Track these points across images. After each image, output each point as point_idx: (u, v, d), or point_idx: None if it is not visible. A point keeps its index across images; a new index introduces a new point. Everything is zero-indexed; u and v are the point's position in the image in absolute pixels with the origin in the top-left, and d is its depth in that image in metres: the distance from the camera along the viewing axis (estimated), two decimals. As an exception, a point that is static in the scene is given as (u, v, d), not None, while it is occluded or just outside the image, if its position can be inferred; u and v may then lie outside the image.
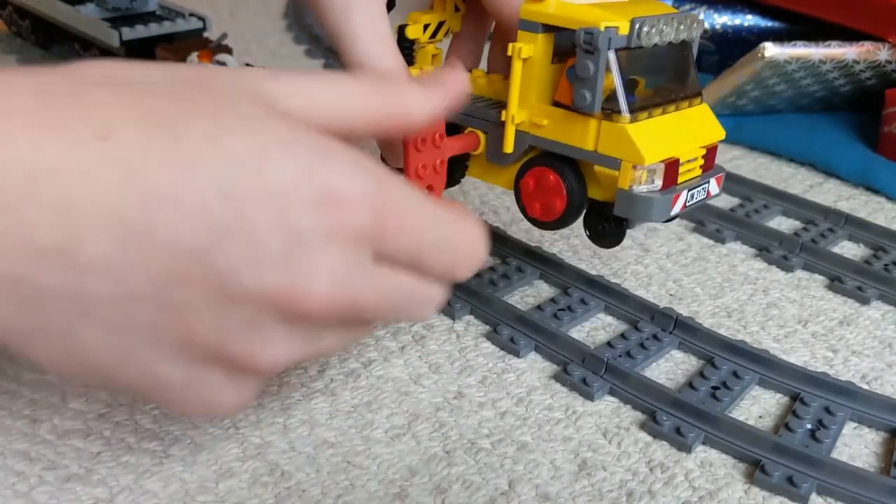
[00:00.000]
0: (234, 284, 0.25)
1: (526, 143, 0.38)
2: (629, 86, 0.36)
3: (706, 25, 0.78)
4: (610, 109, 0.35)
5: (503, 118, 0.38)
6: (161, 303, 0.24)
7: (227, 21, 0.96)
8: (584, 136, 0.36)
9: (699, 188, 0.37)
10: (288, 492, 0.32)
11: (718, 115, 0.70)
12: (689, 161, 0.37)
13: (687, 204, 0.37)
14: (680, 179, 0.37)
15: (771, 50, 0.62)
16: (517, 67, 0.36)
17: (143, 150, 0.23)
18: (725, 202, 0.58)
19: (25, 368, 0.38)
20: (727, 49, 0.78)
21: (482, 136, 0.40)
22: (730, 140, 0.70)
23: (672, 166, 0.36)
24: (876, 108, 0.65)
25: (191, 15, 0.73)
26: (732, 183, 0.60)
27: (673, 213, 0.36)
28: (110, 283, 0.24)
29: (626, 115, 0.35)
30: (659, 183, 0.36)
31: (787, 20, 0.77)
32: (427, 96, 0.32)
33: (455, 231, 0.30)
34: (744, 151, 0.68)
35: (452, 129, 0.40)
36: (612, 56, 0.34)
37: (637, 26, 0.34)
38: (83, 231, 0.23)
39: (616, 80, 0.34)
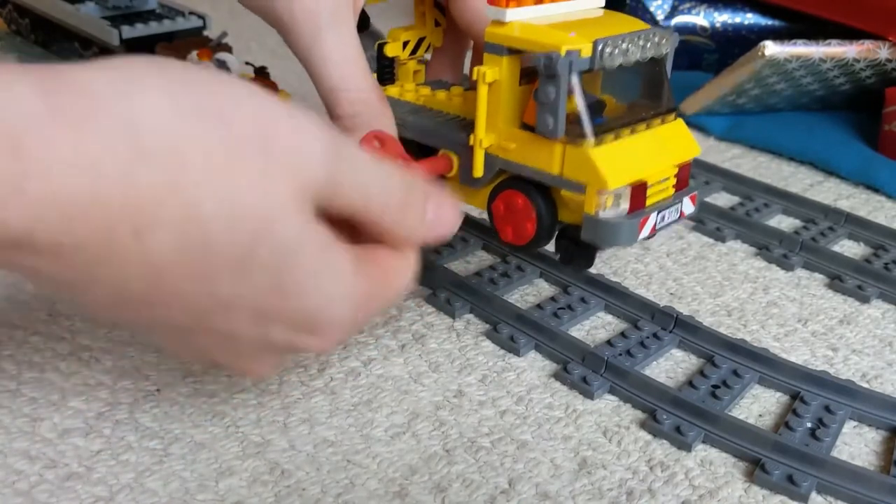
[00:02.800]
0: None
1: (495, 166, 0.37)
2: (596, 106, 0.35)
3: (706, 23, 0.78)
4: (574, 133, 0.34)
5: (472, 142, 0.37)
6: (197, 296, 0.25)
7: (227, 19, 0.96)
8: (550, 160, 0.35)
9: (671, 209, 0.36)
10: (288, 490, 0.32)
11: (718, 114, 0.71)
12: (659, 182, 0.36)
13: (657, 226, 0.36)
14: (650, 201, 0.36)
15: (771, 48, 0.62)
16: (483, 91, 0.36)
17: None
18: (725, 201, 0.58)
19: (25, 367, 0.38)
20: (727, 47, 0.78)
21: (455, 159, 0.39)
22: (730, 139, 0.70)
23: (639, 189, 0.35)
24: (876, 106, 0.65)
25: (191, 13, 0.73)
26: (732, 182, 0.60)
27: (641, 236, 0.35)
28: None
29: (590, 139, 0.34)
30: (626, 207, 0.35)
31: (788, 18, 0.77)
32: (427, 229, 0.31)
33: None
34: (744, 150, 0.68)
35: (427, 150, 0.40)
36: (574, 80, 0.33)
37: (600, 48, 0.33)
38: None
39: (579, 103, 0.34)
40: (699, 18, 0.78)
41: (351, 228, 0.28)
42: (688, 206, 0.38)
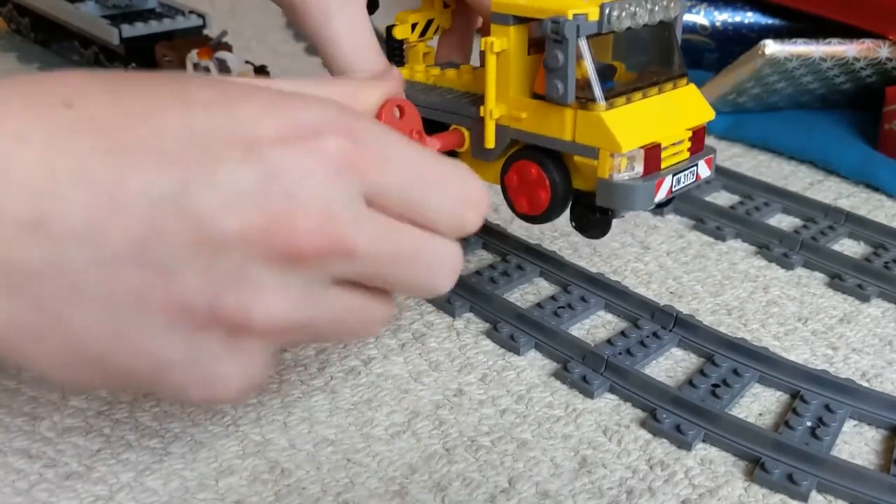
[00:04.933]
0: (214, 228, 0.24)
1: (507, 137, 0.37)
2: (607, 71, 0.35)
3: (706, 22, 0.78)
4: (584, 98, 0.34)
5: (482, 114, 0.38)
6: (144, 263, 0.24)
7: (227, 18, 0.96)
8: (562, 126, 0.35)
9: (687, 171, 0.36)
10: (288, 489, 0.32)
11: (718, 113, 0.70)
12: (673, 144, 0.36)
13: (673, 189, 0.36)
14: (664, 164, 0.36)
15: (771, 47, 0.62)
16: (491, 62, 0.36)
17: (108, 110, 0.24)
18: (725, 200, 0.58)
19: (25, 366, 0.38)
20: (727, 46, 0.78)
21: (466, 133, 0.39)
22: (730, 138, 0.70)
23: (653, 151, 0.35)
24: (876, 105, 0.65)
25: (190, 12, 0.73)
26: (733, 180, 0.60)
27: (658, 199, 0.35)
28: (90, 249, 0.23)
29: (601, 102, 0.34)
30: (640, 169, 0.35)
31: (788, 17, 0.77)
32: (372, 85, 0.33)
33: (449, 169, 0.29)
34: (744, 149, 0.68)
35: (439, 126, 0.40)
36: (582, 44, 0.33)
37: (607, 11, 0.33)
38: (56, 198, 0.23)
39: (589, 67, 0.34)
40: (699, 17, 0.78)
41: None
42: (703, 170, 0.38)
